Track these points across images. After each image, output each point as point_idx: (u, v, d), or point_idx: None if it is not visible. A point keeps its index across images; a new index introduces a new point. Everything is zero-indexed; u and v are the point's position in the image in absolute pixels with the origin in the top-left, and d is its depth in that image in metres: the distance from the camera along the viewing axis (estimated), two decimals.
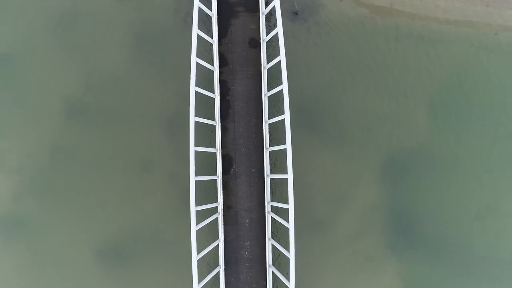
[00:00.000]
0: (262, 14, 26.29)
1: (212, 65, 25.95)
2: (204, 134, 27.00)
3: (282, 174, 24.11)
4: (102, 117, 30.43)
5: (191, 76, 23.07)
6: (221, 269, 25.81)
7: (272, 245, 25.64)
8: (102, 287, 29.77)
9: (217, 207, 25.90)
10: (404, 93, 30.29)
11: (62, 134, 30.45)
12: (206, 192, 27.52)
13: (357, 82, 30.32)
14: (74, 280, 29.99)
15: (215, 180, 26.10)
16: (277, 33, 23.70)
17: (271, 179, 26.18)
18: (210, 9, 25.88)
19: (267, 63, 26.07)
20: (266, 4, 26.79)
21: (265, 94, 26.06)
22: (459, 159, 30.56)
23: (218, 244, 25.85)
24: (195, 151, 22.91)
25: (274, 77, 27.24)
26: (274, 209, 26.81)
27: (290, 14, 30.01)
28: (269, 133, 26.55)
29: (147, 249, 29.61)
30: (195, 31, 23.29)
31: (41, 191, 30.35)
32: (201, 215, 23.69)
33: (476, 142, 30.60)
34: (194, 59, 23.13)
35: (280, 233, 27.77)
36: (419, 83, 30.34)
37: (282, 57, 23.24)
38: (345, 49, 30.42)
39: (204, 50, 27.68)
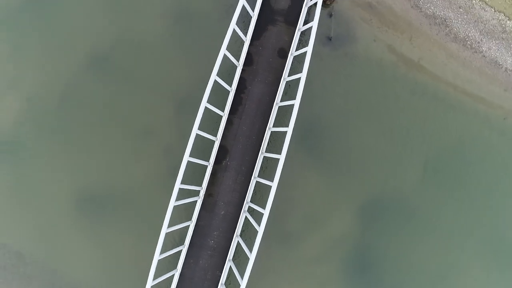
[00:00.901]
0: (298, 30, 27.38)
1: (238, 61, 27.00)
2: (209, 122, 27.78)
3: (268, 180, 25.15)
4: (121, 75, 31.49)
5: (215, 65, 24.18)
6: (184, 248, 26.91)
7: (238, 242, 26.73)
8: (70, 228, 30.75)
9: (199, 191, 27.01)
10: (412, 144, 31.54)
11: (79, 78, 31.49)
12: (193, 174, 28.41)
13: (371, 121, 31.58)
14: (46, 215, 31.00)
15: (205, 166, 27.15)
16: (306, 52, 24.86)
17: (257, 182, 27.26)
18: (253, 9, 26.97)
19: (288, 75, 27.22)
20: (305, 22, 27.90)
21: (277, 103, 27.15)
22: (438, 220, 31.71)
23: (189, 225, 26.99)
24: (196, 133, 24.06)
25: (292, 89, 28.31)
26: (250, 210, 27.88)
27: (324, 38, 31.19)
28: (269, 140, 27.62)
29: (123, 208, 30.70)
30: (233, 25, 24.38)
31: (42, 124, 31.38)
32: (181, 194, 24.75)
33: (459, 210, 31.75)
34: (223, 51, 24.22)
35: (248, 233, 28.76)
36: (428, 139, 31.60)
37: (303, 76, 24.39)
38: (370, 87, 31.69)
39: (235, 44, 28.64)
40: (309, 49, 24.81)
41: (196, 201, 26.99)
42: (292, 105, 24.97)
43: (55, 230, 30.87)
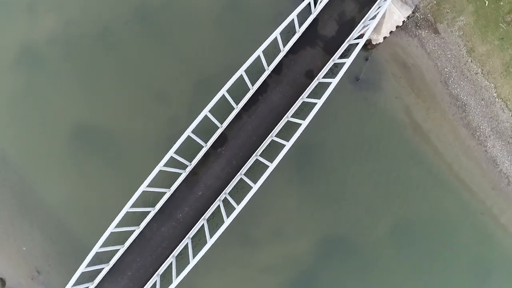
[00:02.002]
0: (332, 60, 28.78)
1: (269, 65, 28.36)
2: (220, 109, 28.15)
3: (252, 181, 26.52)
4: (160, 34, 32.68)
5: (247, 61, 25.59)
6: (154, 210, 28.23)
7: (203, 225, 28.03)
8: (58, 152, 32.02)
9: (187, 166, 28.30)
10: (391, 202, 32.81)
11: (121, 23, 32.69)
12: (187, 149, 29.04)
13: (364, 167, 32.88)
14: (41, 133, 32.22)
15: (201, 146, 28.40)
16: (331, 83, 26.32)
17: (241, 178, 28.57)
18: (300, 26, 28.36)
19: (307, 97, 28.64)
20: (342, 56, 29.31)
21: (287, 117, 28.53)
22: (387, 279, 33.07)
23: (166, 192, 28.29)
24: (206, 115, 25.40)
25: (306, 110, 29.55)
26: (225, 201, 29.08)
27: (353, 77, 32.56)
28: (267, 146, 28.98)
29: (113, 153, 31.94)
30: (276, 33, 25.78)
31: (71, 51, 32.57)
32: (170, 162, 25.96)
33: (410, 277, 33.10)
34: (259, 52, 25.63)
35: (215, 221, 29.80)
36: (407, 203, 32.87)
37: (319, 102, 25.91)
38: (375, 136, 33.06)
39: (270, 49, 29.02)
40: (334, 81, 26.27)
41: (180, 174, 28.28)
42: (300, 124, 26.45)
43: (44, 149, 32.03)
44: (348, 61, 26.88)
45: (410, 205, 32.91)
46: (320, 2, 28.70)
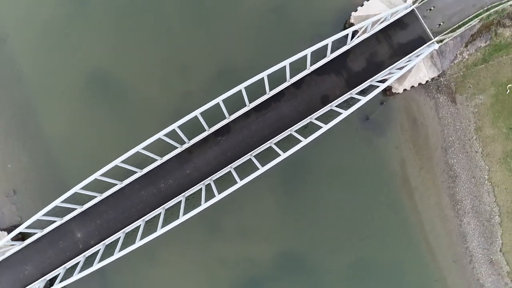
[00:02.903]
0: (350, 94, 30.03)
1: (290, 78, 29.53)
2: (232, 102, 28.62)
3: (239, 177, 27.62)
4: (202, 15, 33.88)
5: (272, 67, 26.60)
6: (140, 173, 29.37)
7: (181, 201, 29.12)
8: (70, 89, 33.13)
9: (185, 143, 29.37)
10: (359, 238, 33.81)
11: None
12: (189, 127, 29.25)
13: (346, 199, 33.95)
14: (64, 64, 33.33)
15: (204, 129, 29.46)
16: (341, 114, 27.57)
17: (230, 171, 29.64)
18: (332, 52, 29.56)
19: (316, 119, 29.80)
20: (361, 93, 30.48)
21: (291, 130, 29.72)
22: None
23: (157, 160, 29.36)
24: (218, 102, 26.52)
25: (310, 129, 30.69)
26: (208, 187, 30.13)
27: (363, 115, 33.69)
28: (263, 150, 30.18)
29: (121, 105, 33.13)
30: (307, 51, 26.96)
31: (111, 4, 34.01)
32: (170, 133, 26.84)
33: None
34: (286, 63, 26.76)
35: (193, 201, 30.73)
36: (372, 245, 33.79)
37: (324, 128, 27.19)
38: (365, 176, 34.12)
39: (297, 64, 29.40)
40: (345, 113, 27.57)
41: (176, 148, 29.36)
42: (300, 141, 27.62)
43: (61, 82, 33.24)
44: (364, 99, 28.15)
45: (374, 249, 34.04)
46: (358, 36, 29.93)
